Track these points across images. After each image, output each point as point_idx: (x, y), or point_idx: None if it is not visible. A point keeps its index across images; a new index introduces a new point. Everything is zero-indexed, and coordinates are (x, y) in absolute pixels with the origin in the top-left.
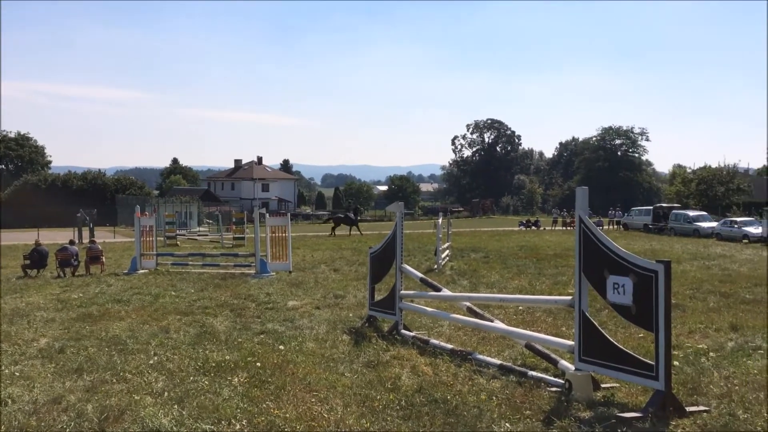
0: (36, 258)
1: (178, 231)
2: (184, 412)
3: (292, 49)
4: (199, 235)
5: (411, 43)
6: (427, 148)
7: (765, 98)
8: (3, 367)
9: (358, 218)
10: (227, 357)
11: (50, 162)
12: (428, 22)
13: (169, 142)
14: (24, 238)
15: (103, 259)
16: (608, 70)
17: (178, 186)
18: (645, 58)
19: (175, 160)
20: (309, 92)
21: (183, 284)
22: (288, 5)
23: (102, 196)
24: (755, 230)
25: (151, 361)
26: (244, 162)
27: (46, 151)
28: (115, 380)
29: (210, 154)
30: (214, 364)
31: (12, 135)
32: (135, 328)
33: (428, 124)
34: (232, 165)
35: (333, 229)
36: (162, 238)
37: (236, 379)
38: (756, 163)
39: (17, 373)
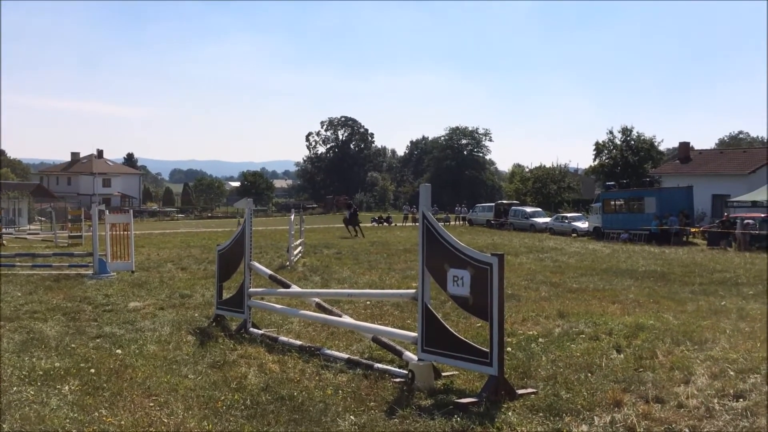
0: None
1: (4, 229)
2: (4, 426)
3: (139, 35)
4: (29, 234)
5: (261, 35)
6: (281, 144)
7: (589, 102)
8: None
9: (354, 215)
10: (57, 364)
11: None
12: (277, 14)
13: None
14: None
15: None
16: (453, 71)
17: (5, 180)
18: (484, 62)
19: (1, 152)
20: (155, 83)
21: (8, 287)
22: None
23: None
24: (582, 225)
25: None
26: (82, 155)
27: None
28: None
29: (43, 146)
30: (41, 373)
31: None
32: None
33: (282, 119)
34: (68, 158)
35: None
36: None
37: (66, 388)
38: (584, 164)
39: None
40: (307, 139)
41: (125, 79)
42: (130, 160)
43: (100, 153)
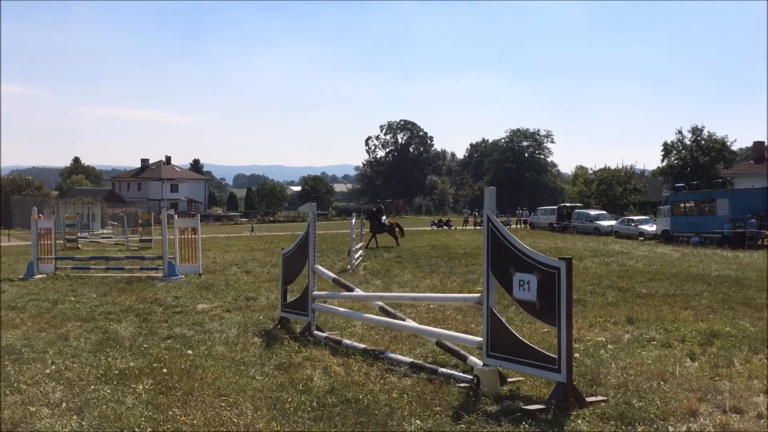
0: None
1: (79, 233)
2: (83, 423)
3: (199, 46)
4: (102, 238)
5: (321, 41)
6: (340, 149)
7: (655, 102)
8: None
9: (382, 220)
10: (131, 364)
11: None
12: (336, 20)
13: (69, 141)
14: None
15: None
16: (513, 74)
17: (80, 186)
18: (544, 64)
19: (76, 159)
20: (218, 91)
21: (84, 289)
22: (191, 2)
23: None
24: (650, 228)
25: (48, 371)
26: (151, 161)
27: None
28: (8, 392)
29: (115, 153)
30: (117, 372)
31: None
32: (31, 336)
33: (341, 124)
34: (138, 165)
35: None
36: (62, 241)
37: (141, 387)
38: (651, 165)
39: None
40: (367, 143)
41: (191, 89)
42: (196, 166)
43: (168, 159)
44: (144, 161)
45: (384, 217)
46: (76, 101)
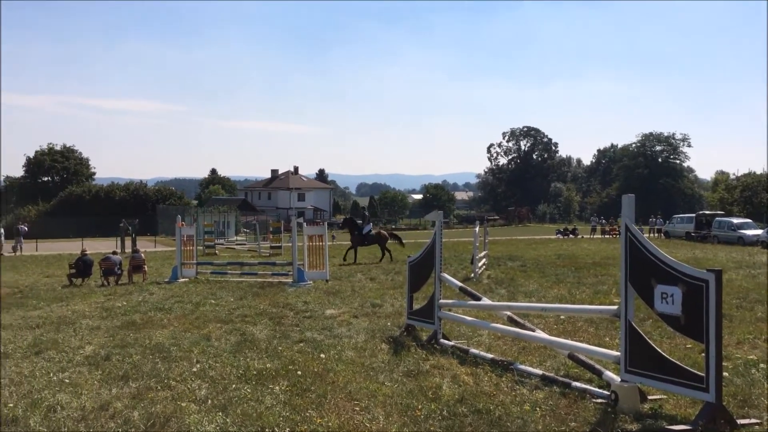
0: (81, 267)
1: (216, 240)
2: (228, 420)
3: (326, 59)
4: (237, 244)
5: (438, 49)
6: (461, 157)
7: None
8: (51, 374)
9: (365, 231)
10: (268, 365)
11: (94, 174)
12: (457, 27)
13: (207, 153)
14: (69, 247)
15: (146, 268)
16: (644, 77)
17: (216, 196)
18: (680, 64)
19: (213, 171)
20: (343, 102)
21: (222, 293)
22: (315, 17)
23: (143, 207)
24: None
25: (194, 369)
26: (280, 172)
27: (90, 163)
28: (159, 387)
29: (247, 164)
30: (255, 372)
31: (58, 148)
32: (177, 336)
33: (462, 132)
34: (268, 175)
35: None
36: (201, 248)
37: (278, 387)
38: None
39: (65, 380)
40: (489, 151)
41: (318, 101)
42: (321, 175)
43: (296, 169)
44: (274, 171)
45: (369, 226)
46: (212, 116)
